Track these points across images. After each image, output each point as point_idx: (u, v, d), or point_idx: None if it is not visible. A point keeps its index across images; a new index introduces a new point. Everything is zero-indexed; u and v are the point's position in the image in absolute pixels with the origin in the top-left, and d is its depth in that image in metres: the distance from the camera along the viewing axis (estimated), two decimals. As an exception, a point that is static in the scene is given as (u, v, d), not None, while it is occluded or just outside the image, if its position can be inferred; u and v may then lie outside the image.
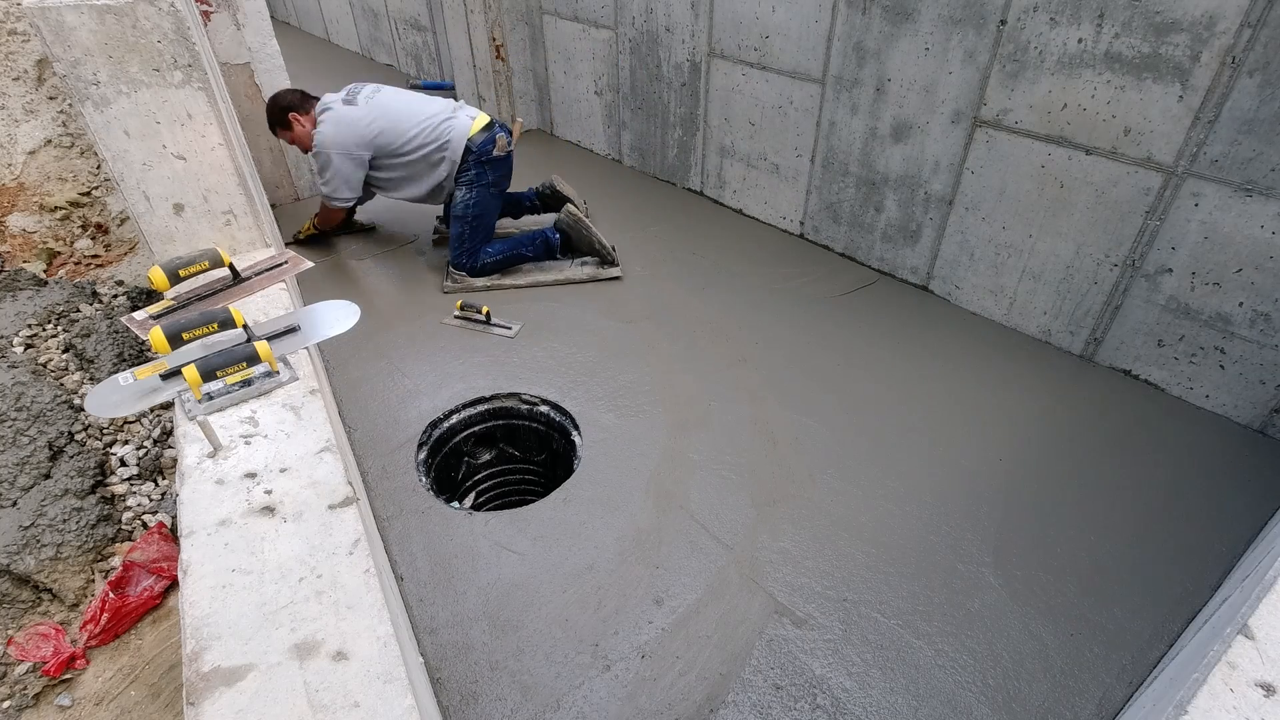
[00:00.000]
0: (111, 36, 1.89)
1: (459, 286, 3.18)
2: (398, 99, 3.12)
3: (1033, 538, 2.01)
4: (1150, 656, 1.72)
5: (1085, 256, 2.52)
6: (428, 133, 3.05)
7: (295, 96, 3.14)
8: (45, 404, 2.54)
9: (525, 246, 3.26)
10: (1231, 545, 1.97)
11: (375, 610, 1.26)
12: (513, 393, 2.58)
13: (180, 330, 1.81)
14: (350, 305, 2.12)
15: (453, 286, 3.18)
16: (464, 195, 3.13)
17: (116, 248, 3.77)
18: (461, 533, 2.07)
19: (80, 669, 2.07)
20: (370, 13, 6.50)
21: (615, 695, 1.66)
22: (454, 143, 3.07)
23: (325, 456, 1.60)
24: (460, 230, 3.15)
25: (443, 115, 3.09)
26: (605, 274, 3.24)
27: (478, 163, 3.10)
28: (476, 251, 3.18)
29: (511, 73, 4.62)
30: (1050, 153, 2.46)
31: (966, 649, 1.74)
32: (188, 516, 1.44)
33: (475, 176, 3.11)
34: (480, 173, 3.11)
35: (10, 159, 3.71)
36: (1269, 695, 1.06)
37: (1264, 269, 2.16)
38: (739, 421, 2.44)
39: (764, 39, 3.19)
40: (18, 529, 2.19)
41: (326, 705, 1.12)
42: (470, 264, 3.18)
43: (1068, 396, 2.51)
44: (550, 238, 3.28)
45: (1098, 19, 2.20)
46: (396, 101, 3.10)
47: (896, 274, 3.18)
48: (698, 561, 1.97)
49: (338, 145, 3.01)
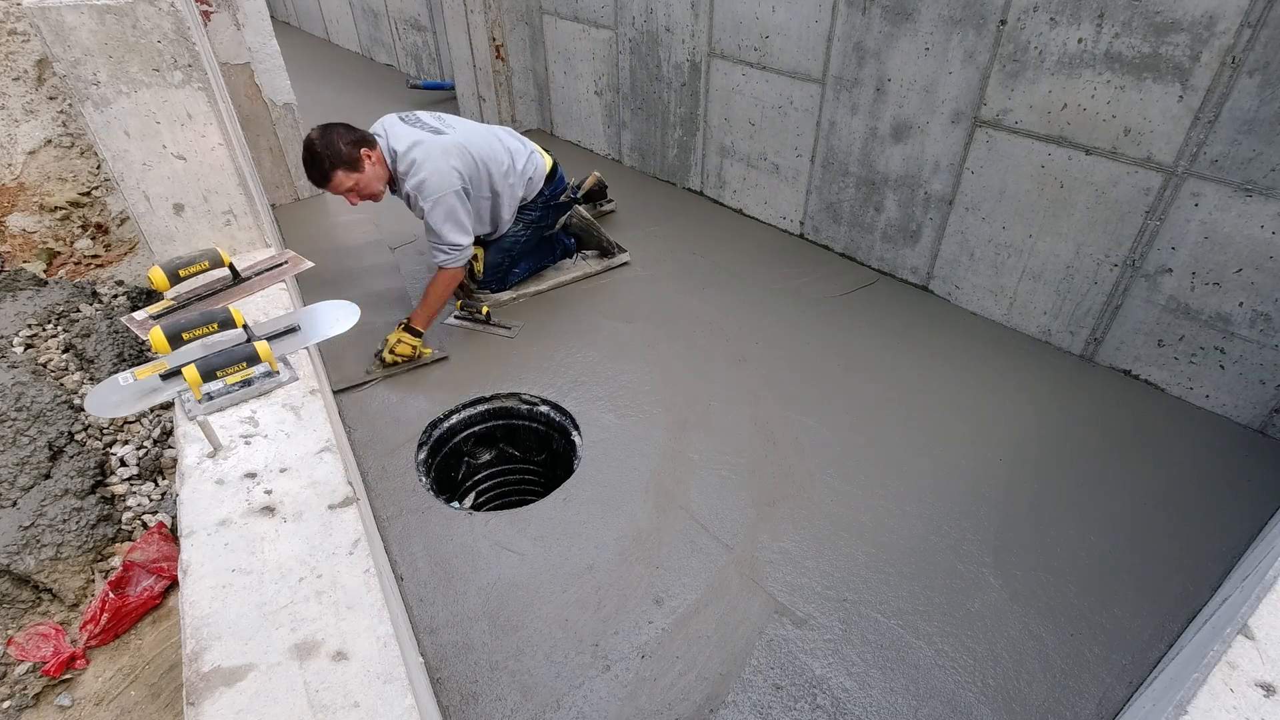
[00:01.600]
0: (111, 36, 1.89)
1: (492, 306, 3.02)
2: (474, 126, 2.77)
3: (1033, 538, 2.01)
4: (1150, 656, 1.72)
5: (1085, 256, 2.52)
6: (517, 166, 2.79)
7: (351, 130, 2.44)
8: (45, 404, 2.54)
9: (547, 259, 3.20)
10: (1231, 545, 1.97)
11: (375, 610, 1.26)
12: (513, 392, 2.58)
13: (180, 330, 1.81)
14: (350, 305, 2.12)
15: (490, 307, 2.99)
16: (516, 231, 2.93)
17: (116, 248, 3.78)
18: (461, 533, 2.07)
19: (80, 669, 2.08)
20: (370, 13, 6.50)
21: (615, 695, 1.66)
22: (535, 180, 2.87)
23: (325, 456, 1.60)
24: (499, 261, 2.96)
25: (525, 149, 2.85)
26: (616, 262, 3.30)
27: (545, 205, 2.94)
28: (506, 276, 3.04)
29: (511, 73, 4.62)
30: (1050, 153, 2.46)
31: (966, 649, 1.74)
32: (188, 516, 1.44)
33: (537, 218, 2.95)
34: (543, 215, 2.97)
35: (10, 159, 3.71)
36: (1269, 695, 1.06)
37: (1264, 269, 2.16)
38: (739, 421, 2.44)
39: (764, 39, 3.19)
40: (18, 529, 2.19)
41: (326, 705, 1.12)
42: (500, 287, 3.04)
43: (1068, 396, 2.51)
44: (568, 243, 3.28)
45: (1098, 19, 2.20)
46: (475, 130, 2.75)
47: (896, 274, 3.18)
48: (698, 561, 1.97)
49: (448, 182, 2.51)
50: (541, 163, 2.89)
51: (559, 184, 2.96)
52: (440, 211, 2.51)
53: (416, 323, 2.63)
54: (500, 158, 2.71)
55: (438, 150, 2.51)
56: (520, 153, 2.82)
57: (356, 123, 2.54)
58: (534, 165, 2.86)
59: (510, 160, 2.76)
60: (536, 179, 2.87)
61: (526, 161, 2.82)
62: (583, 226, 3.27)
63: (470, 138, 2.64)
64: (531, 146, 2.91)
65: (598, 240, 3.29)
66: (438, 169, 2.48)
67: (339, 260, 3.44)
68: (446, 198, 2.50)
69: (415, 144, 2.50)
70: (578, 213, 3.23)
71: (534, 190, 2.89)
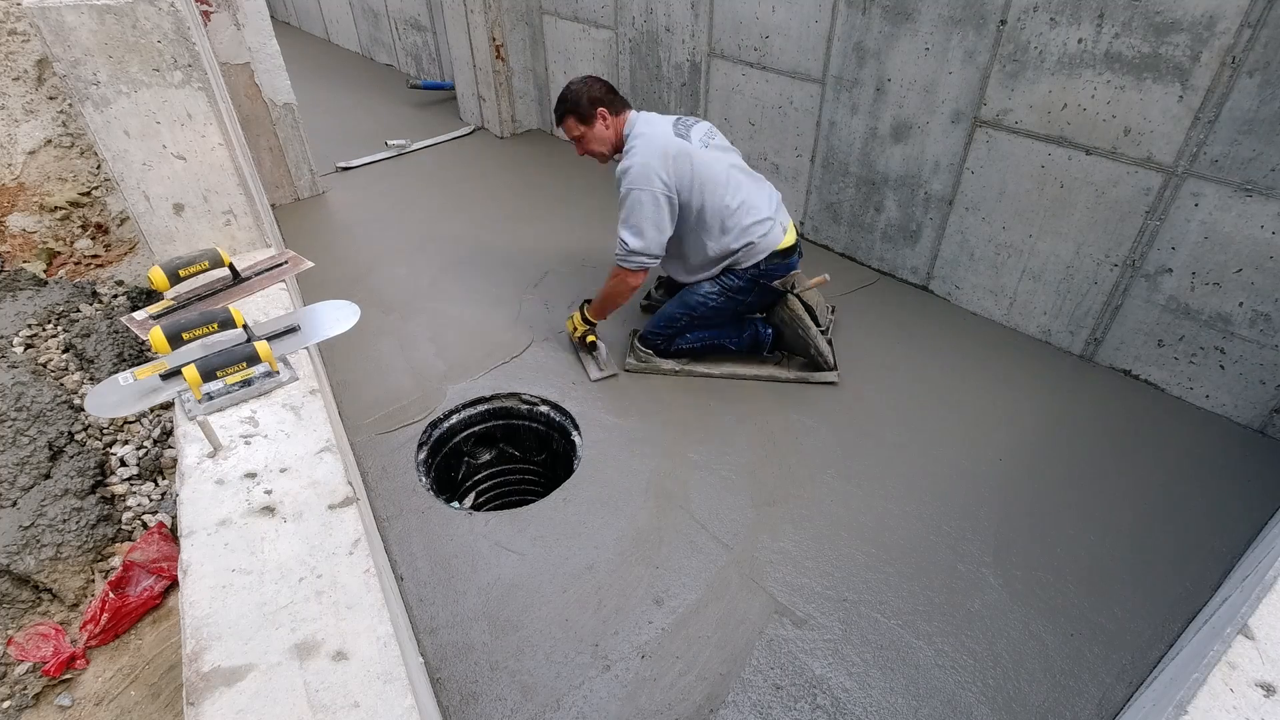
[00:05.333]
0: (111, 36, 1.89)
1: (644, 365, 2.67)
2: (730, 159, 2.48)
3: (1033, 538, 2.01)
4: (1150, 656, 1.72)
5: (1085, 256, 2.52)
6: (743, 221, 2.41)
7: (604, 89, 2.44)
8: (45, 404, 2.54)
9: (730, 339, 2.69)
10: (1231, 545, 1.97)
11: (375, 610, 1.26)
12: (513, 393, 2.58)
13: (180, 330, 1.81)
14: (350, 305, 2.12)
15: (636, 364, 2.67)
16: (707, 293, 2.54)
17: (116, 248, 3.78)
18: (461, 533, 2.07)
19: (80, 669, 2.07)
20: (370, 13, 6.50)
21: (615, 695, 1.66)
22: (757, 247, 2.43)
23: (325, 456, 1.60)
24: (678, 315, 2.59)
25: (767, 209, 2.45)
26: (816, 377, 2.63)
27: (754, 280, 2.51)
28: (674, 339, 2.67)
29: (511, 73, 4.62)
30: (1050, 153, 2.46)
31: (966, 649, 1.74)
32: (188, 516, 1.44)
33: (740, 289, 2.52)
34: (746, 287, 2.52)
35: (10, 159, 3.71)
36: (1269, 695, 1.06)
37: (1264, 269, 2.16)
38: (739, 421, 2.44)
39: (764, 39, 3.19)
40: (18, 529, 2.19)
41: (326, 705, 1.11)
42: (666, 347, 2.68)
43: (1068, 396, 2.51)
44: (761, 332, 2.67)
45: (1098, 19, 2.20)
46: (725, 160, 2.44)
47: (896, 274, 3.17)
48: (698, 561, 1.97)
49: (649, 179, 2.30)
50: (778, 236, 2.45)
51: (786, 266, 2.52)
52: (628, 203, 2.33)
53: (590, 312, 2.63)
54: (727, 199, 2.37)
55: (657, 146, 2.32)
56: (755, 209, 2.41)
57: (357, 123, 2.55)
58: (765, 230, 2.43)
59: (740, 207, 2.39)
60: (761, 246, 2.43)
61: (758, 222, 2.41)
62: (787, 320, 2.60)
63: (713, 165, 2.37)
64: (780, 216, 2.50)
65: (805, 346, 2.59)
66: (648, 162, 2.30)
67: (339, 260, 3.44)
68: (638, 193, 2.30)
69: (646, 134, 2.36)
70: (792, 304, 2.59)
71: (752, 257, 2.45)
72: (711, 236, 2.42)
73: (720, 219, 2.39)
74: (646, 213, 2.32)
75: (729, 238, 2.41)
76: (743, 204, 2.40)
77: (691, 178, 2.34)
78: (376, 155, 4.58)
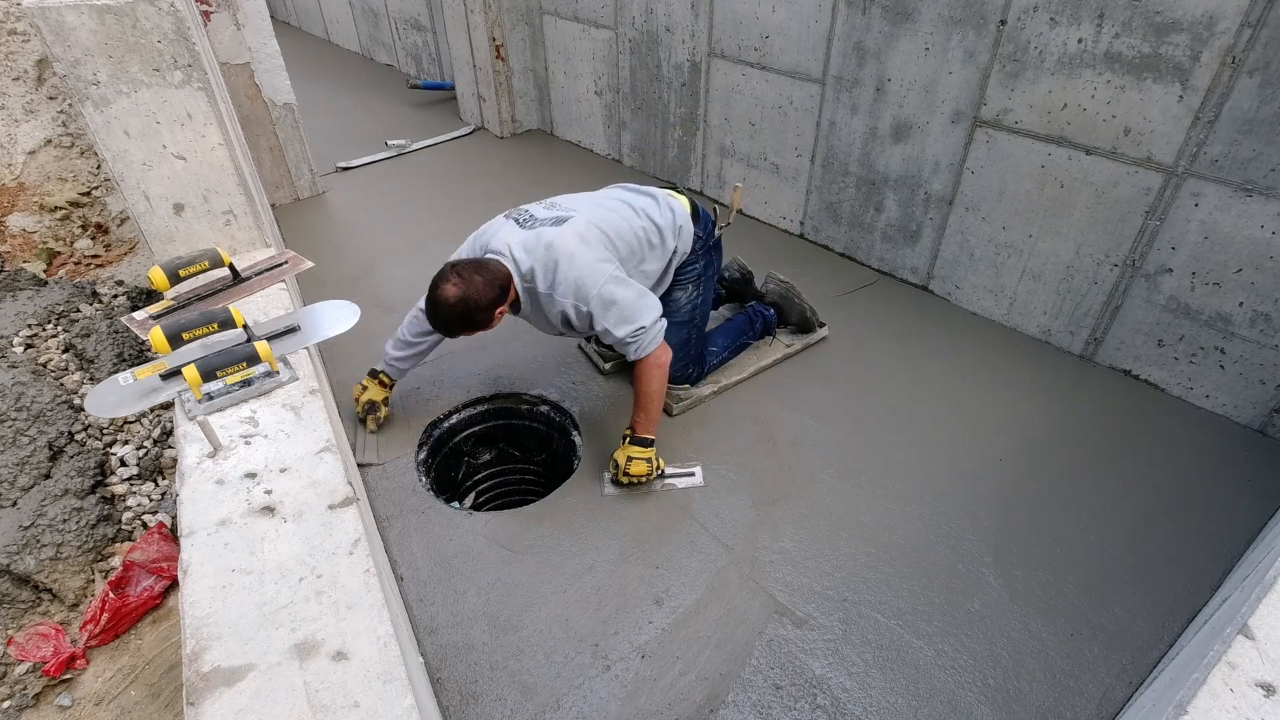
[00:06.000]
0: (111, 36, 1.89)
1: (686, 404, 2.48)
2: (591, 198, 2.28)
3: (1033, 538, 2.01)
4: (1150, 656, 1.72)
5: (1085, 256, 2.52)
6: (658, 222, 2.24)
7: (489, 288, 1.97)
8: (45, 404, 2.54)
9: (747, 334, 2.65)
10: (1231, 545, 1.97)
11: (375, 610, 1.26)
12: (513, 393, 2.58)
13: (180, 330, 1.81)
14: (350, 305, 2.12)
15: (681, 407, 2.48)
16: (689, 295, 2.41)
17: (116, 248, 3.78)
18: (461, 532, 2.07)
19: (80, 669, 2.07)
20: (370, 13, 6.50)
21: (615, 695, 1.66)
22: (685, 228, 2.31)
23: (325, 456, 1.60)
24: (686, 337, 2.42)
25: (655, 197, 2.30)
26: (816, 338, 2.78)
27: (706, 250, 2.42)
28: (702, 356, 2.52)
29: (511, 73, 4.62)
30: (1050, 153, 2.46)
31: (966, 649, 1.74)
32: (188, 516, 1.44)
33: (703, 268, 2.42)
34: (709, 262, 2.44)
35: (10, 159, 3.71)
36: (1269, 695, 1.06)
37: (1264, 269, 2.16)
38: (739, 421, 2.44)
39: (764, 39, 3.19)
40: (18, 529, 2.19)
41: (326, 705, 1.12)
42: (698, 371, 2.52)
43: (1068, 396, 2.51)
44: (768, 315, 2.70)
45: (1098, 19, 2.20)
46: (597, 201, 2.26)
47: (896, 274, 3.17)
48: (698, 561, 1.97)
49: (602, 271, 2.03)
50: (680, 205, 2.34)
51: (705, 219, 2.42)
52: (604, 304, 2.02)
53: (642, 430, 2.14)
54: (632, 223, 2.19)
55: (562, 249, 2.02)
56: (652, 207, 2.26)
57: (357, 123, 2.53)
58: (675, 210, 2.31)
59: (649, 220, 2.23)
60: (686, 225, 2.32)
61: (664, 210, 2.28)
62: (782, 293, 2.72)
63: (596, 210, 2.17)
64: (658, 192, 2.36)
65: (800, 310, 2.71)
66: (574, 263, 2.01)
67: (339, 260, 3.44)
68: (600, 289, 2.01)
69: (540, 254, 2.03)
70: (776, 278, 2.72)
71: (688, 240, 2.34)
72: (647, 261, 2.24)
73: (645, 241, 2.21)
74: (623, 293, 2.04)
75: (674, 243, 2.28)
76: (647, 215, 2.23)
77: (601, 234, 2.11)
78: (376, 155, 4.59)
